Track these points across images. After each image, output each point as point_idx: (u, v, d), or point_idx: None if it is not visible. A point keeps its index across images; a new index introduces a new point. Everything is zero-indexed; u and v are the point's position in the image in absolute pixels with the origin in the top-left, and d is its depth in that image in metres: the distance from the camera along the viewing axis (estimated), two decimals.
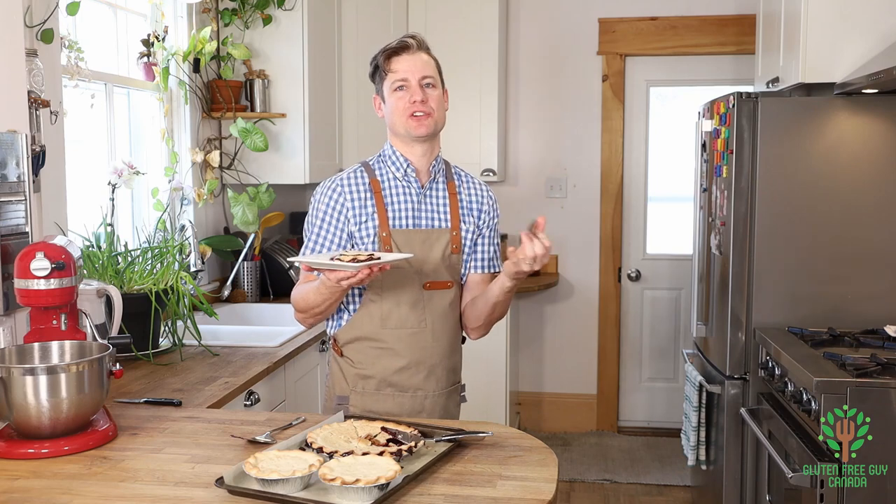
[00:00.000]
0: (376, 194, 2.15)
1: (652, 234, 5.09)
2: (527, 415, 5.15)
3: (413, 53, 2.13)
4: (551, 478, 1.62)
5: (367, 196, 2.15)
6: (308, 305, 2.13)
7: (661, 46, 4.89)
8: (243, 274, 3.83)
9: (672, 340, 5.07)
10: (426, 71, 2.13)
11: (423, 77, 2.12)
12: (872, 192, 3.15)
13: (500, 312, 2.21)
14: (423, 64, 2.14)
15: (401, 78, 2.12)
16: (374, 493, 1.47)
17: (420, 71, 2.12)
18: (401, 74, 2.12)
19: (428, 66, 2.14)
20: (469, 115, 4.65)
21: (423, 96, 2.11)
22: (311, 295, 2.10)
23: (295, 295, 2.18)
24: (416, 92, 2.11)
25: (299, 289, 2.17)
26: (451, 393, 2.24)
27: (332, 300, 2.09)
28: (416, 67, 2.12)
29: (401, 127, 2.14)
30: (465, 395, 2.32)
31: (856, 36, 3.21)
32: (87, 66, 2.80)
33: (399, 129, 2.15)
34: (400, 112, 2.12)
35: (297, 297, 2.16)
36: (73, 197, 2.75)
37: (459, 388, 2.29)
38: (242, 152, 3.85)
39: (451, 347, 2.21)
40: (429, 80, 2.13)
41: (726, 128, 3.28)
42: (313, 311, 2.14)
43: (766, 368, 3.02)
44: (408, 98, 2.11)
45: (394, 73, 2.12)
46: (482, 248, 2.25)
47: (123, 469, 1.69)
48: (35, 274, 1.97)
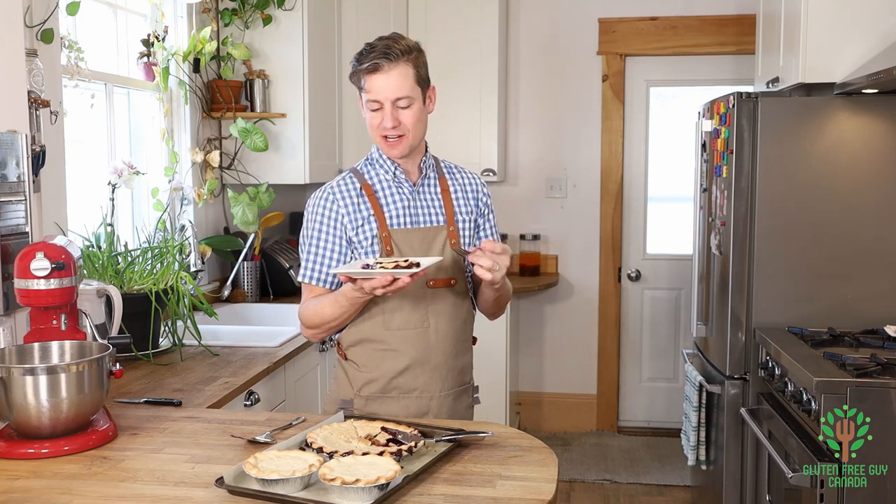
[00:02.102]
0: (370, 197, 2.14)
1: (652, 234, 5.09)
2: (527, 415, 5.15)
3: (388, 71, 2.02)
4: (551, 478, 1.62)
5: (361, 200, 2.14)
6: (323, 320, 2.11)
7: (661, 46, 4.89)
8: (243, 274, 3.83)
9: (672, 340, 5.07)
10: (401, 91, 2.04)
11: (397, 98, 2.04)
12: (872, 192, 3.15)
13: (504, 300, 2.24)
14: (399, 82, 2.03)
15: (374, 99, 2.06)
16: (374, 493, 1.47)
17: (394, 92, 2.03)
18: (373, 95, 2.05)
19: (405, 82, 2.04)
20: (469, 115, 4.64)
21: (393, 122, 2.05)
22: (327, 309, 2.08)
23: (305, 311, 2.15)
24: (388, 118, 2.05)
25: (309, 304, 2.14)
26: (460, 394, 2.20)
27: (350, 312, 2.08)
28: (390, 88, 2.03)
29: (376, 143, 2.15)
30: (478, 398, 2.29)
31: (856, 36, 3.21)
32: (87, 66, 2.80)
33: (375, 142, 2.16)
34: (374, 130, 2.11)
35: (309, 314, 2.14)
36: (73, 197, 2.75)
37: (470, 389, 2.25)
38: (242, 152, 3.86)
39: (457, 347, 2.18)
40: (403, 101, 2.05)
41: (726, 128, 3.28)
42: (328, 325, 2.12)
43: (766, 368, 3.02)
44: (380, 120, 2.07)
45: (367, 92, 2.06)
46: (485, 236, 2.24)
47: (123, 469, 1.69)
48: (35, 274, 1.97)
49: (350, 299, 2.03)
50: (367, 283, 1.93)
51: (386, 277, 1.90)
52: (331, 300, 2.08)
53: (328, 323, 2.12)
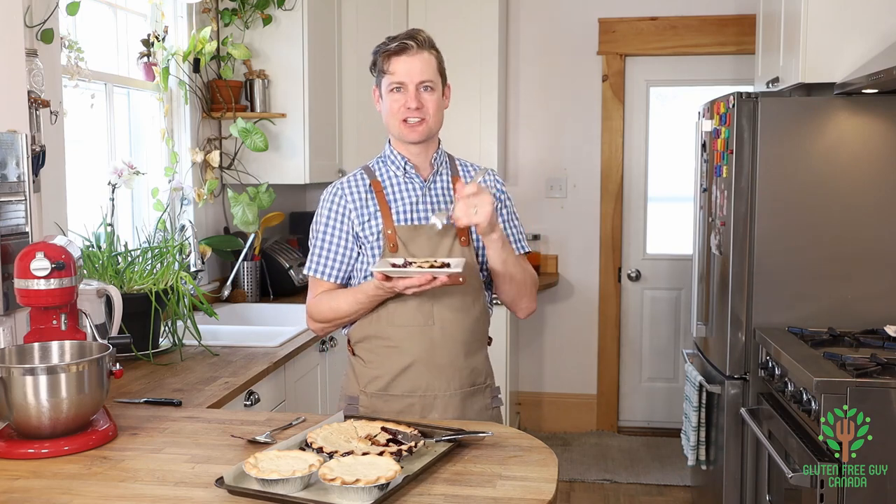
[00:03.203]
0: (378, 194, 2.14)
1: (652, 234, 5.09)
2: (527, 415, 5.15)
3: (413, 55, 2.07)
4: (551, 478, 1.62)
5: (368, 196, 2.14)
6: (337, 315, 2.13)
7: (661, 46, 4.89)
8: (243, 274, 3.83)
9: (672, 340, 5.07)
10: (425, 74, 2.08)
11: (422, 81, 2.08)
12: (872, 192, 3.15)
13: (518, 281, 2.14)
14: (423, 66, 2.08)
15: (398, 81, 2.08)
16: (374, 493, 1.47)
17: (419, 75, 2.07)
18: (398, 77, 2.08)
19: (428, 67, 2.09)
20: (469, 115, 4.65)
21: (417, 103, 2.07)
22: (344, 305, 2.10)
23: (318, 306, 2.15)
24: (412, 98, 2.07)
25: (322, 299, 2.15)
26: (471, 395, 2.16)
27: (368, 308, 2.09)
28: (415, 70, 2.07)
29: (394, 129, 2.13)
30: (500, 398, 2.25)
31: (856, 36, 3.21)
32: (87, 66, 2.80)
33: (393, 130, 2.14)
34: (394, 114, 2.10)
35: (323, 308, 2.14)
36: (73, 197, 2.75)
37: (486, 390, 2.20)
38: (242, 152, 3.86)
39: (466, 347, 2.14)
40: (427, 84, 2.09)
41: (726, 128, 3.28)
42: (341, 319, 2.14)
43: (766, 368, 3.02)
44: (403, 102, 2.08)
45: (391, 74, 2.08)
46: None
47: (123, 469, 1.69)
48: (35, 274, 1.97)
49: (371, 297, 2.04)
50: (402, 283, 1.94)
51: (425, 276, 1.91)
52: (347, 295, 2.09)
53: (342, 318, 2.14)
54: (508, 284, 2.15)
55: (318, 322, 2.18)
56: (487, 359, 2.25)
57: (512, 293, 2.19)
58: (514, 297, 2.20)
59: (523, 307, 2.24)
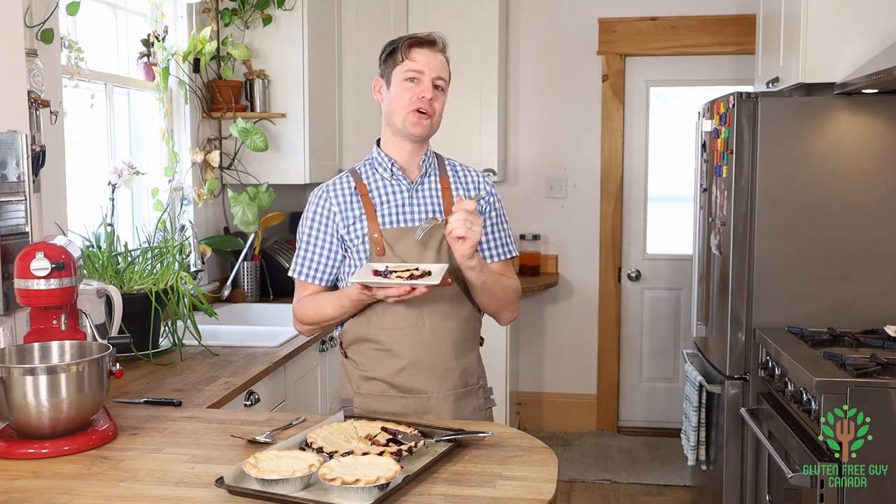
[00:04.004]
0: (363, 197, 2.14)
1: (652, 234, 5.09)
2: (527, 415, 5.15)
3: (435, 51, 2.12)
4: (551, 478, 1.62)
5: (354, 199, 2.14)
6: (322, 318, 2.14)
7: (661, 46, 4.89)
8: (243, 274, 3.83)
9: (672, 340, 5.07)
10: (442, 72, 2.12)
11: (438, 77, 2.11)
12: (872, 192, 3.15)
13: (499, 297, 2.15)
14: (441, 64, 2.12)
15: (417, 69, 2.09)
16: (374, 493, 1.47)
17: (437, 70, 2.11)
18: (418, 66, 2.10)
19: (444, 68, 2.13)
20: (469, 115, 4.65)
21: (431, 95, 2.10)
22: (329, 308, 2.11)
23: (304, 307, 2.16)
24: (427, 88, 2.10)
25: (307, 302, 2.16)
26: (464, 396, 2.16)
27: (352, 311, 2.10)
28: (434, 65, 2.11)
29: (399, 119, 2.12)
30: (493, 399, 2.26)
31: (856, 36, 3.21)
32: (87, 66, 2.80)
33: (396, 120, 2.12)
34: (403, 104, 2.10)
35: (308, 311, 2.15)
36: (73, 197, 2.75)
37: (479, 391, 2.21)
38: (242, 152, 3.86)
39: (457, 348, 2.14)
40: (441, 83, 2.12)
41: (726, 128, 3.28)
42: (326, 322, 2.15)
43: (766, 368, 3.02)
44: (417, 92, 2.09)
45: (412, 61, 2.10)
46: (491, 236, 2.20)
47: (123, 469, 1.69)
48: (35, 274, 1.97)
49: (354, 301, 2.05)
50: (381, 292, 1.95)
51: (404, 287, 1.92)
52: (332, 299, 2.10)
53: (327, 321, 2.14)
54: (488, 300, 2.16)
55: (304, 324, 2.19)
56: (479, 359, 2.25)
57: (492, 307, 2.20)
58: (495, 310, 2.22)
59: (504, 317, 2.26)
